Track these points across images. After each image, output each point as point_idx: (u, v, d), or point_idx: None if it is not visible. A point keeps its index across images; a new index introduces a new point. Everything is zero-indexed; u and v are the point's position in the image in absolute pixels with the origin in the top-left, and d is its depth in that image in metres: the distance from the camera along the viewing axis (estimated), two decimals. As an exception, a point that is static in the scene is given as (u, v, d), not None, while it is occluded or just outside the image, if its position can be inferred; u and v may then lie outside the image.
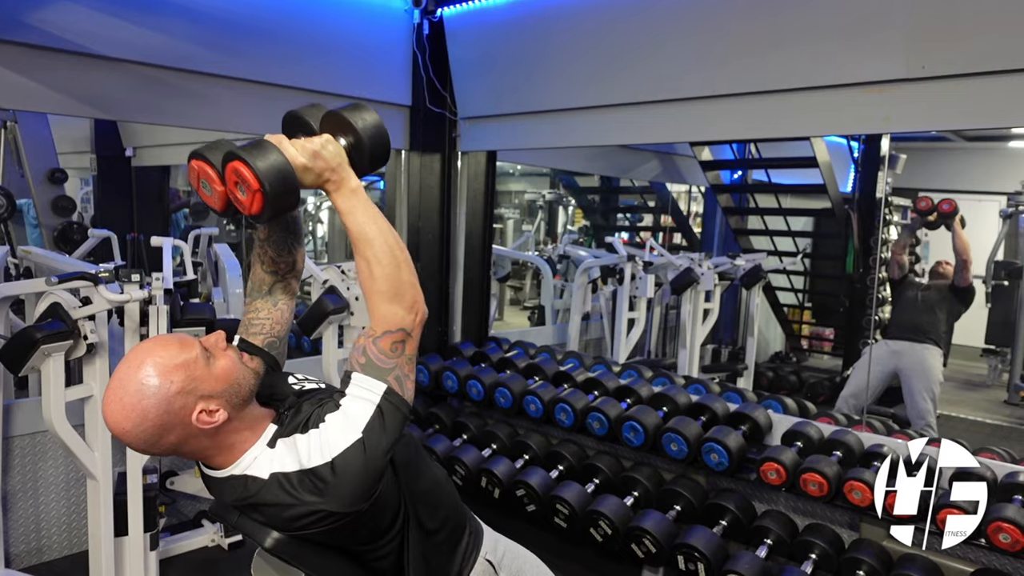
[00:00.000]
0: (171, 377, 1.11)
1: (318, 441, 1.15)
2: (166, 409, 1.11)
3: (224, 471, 1.22)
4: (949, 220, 4.27)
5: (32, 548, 2.97)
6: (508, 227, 9.54)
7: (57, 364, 2.30)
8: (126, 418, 1.10)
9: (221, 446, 1.19)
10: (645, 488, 2.92)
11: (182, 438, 1.15)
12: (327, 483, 1.13)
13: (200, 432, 1.15)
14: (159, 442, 1.13)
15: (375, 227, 1.20)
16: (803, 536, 2.56)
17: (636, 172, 6.56)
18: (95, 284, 2.30)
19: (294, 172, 1.15)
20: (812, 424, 2.83)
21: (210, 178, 1.20)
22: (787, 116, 2.99)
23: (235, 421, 1.19)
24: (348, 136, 1.23)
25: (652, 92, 3.29)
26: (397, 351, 1.20)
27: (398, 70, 3.95)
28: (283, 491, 1.15)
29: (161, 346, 1.15)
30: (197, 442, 1.17)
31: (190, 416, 1.13)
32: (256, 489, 1.18)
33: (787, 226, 6.22)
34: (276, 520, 1.20)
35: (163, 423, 1.11)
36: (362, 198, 1.22)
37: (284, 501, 1.16)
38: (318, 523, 1.17)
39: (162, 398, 1.10)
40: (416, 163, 4.13)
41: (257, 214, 1.15)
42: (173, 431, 1.13)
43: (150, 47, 3.02)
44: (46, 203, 5.38)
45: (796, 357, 6.70)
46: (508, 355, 3.81)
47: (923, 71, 2.47)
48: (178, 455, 1.21)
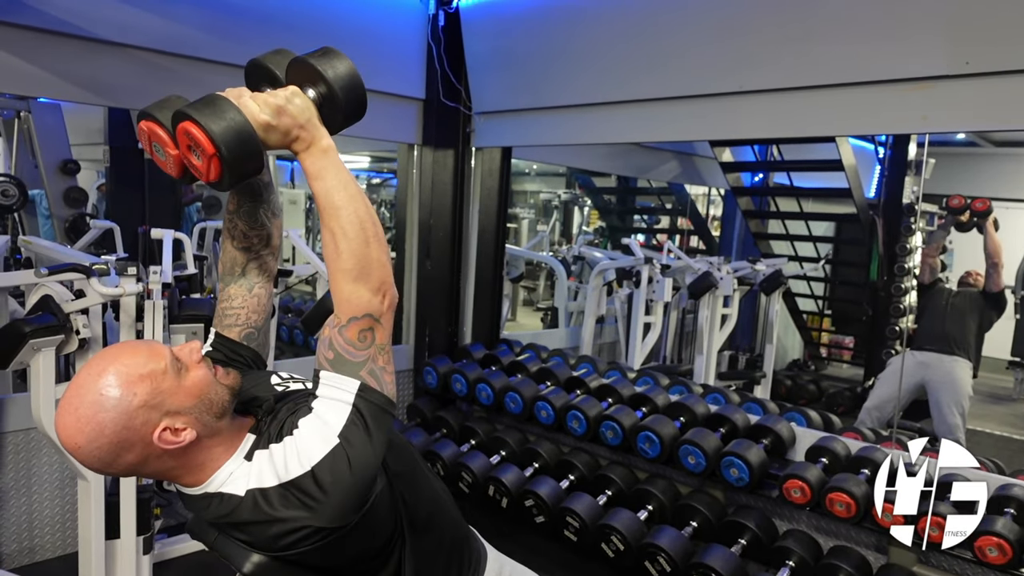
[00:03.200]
0: (134, 388, 0.98)
1: (293, 449, 1.02)
2: (125, 424, 0.97)
3: (197, 489, 1.09)
4: (983, 219, 4.10)
5: (24, 548, 2.88)
6: (522, 227, 9.44)
7: (47, 359, 2.20)
8: (79, 431, 0.97)
9: (189, 466, 1.06)
10: (660, 502, 2.78)
11: (142, 458, 1.01)
12: (310, 495, 1.00)
13: (164, 452, 1.01)
14: (115, 461, 1.00)
15: (345, 194, 1.05)
16: (828, 559, 2.42)
17: (654, 172, 6.42)
18: (87, 276, 2.20)
19: (255, 132, 1.01)
20: (838, 440, 2.69)
21: (162, 141, 1.06)
22: (816, 114, 2.85)
23: (205, 439, 1.05)
24: (318, 87, 1.09)
25: (674, 88, 3.16)
26: (366, 340, 1.05)
27: (412, 62, 3.84)
28: (260, 509, 1.02)
29: (128, 353, 1.02)
30: (160, 463, 1.03)
31: (151, 434, 0.99)
32: (232, 507, 1.05)
33: (808, 231, 6.06)
34: (260, 539, 1.07)
35: (121, 440, 0.98)
36: (333, 160, 1.07)
37: (263, 518, 1.02)
38: (304, 541, 1.03)
39: (122, 412, 0.97)
40: (429, 159, 4.02)
41: (216, 181, 1.01)
42: (132, 450, 0.99)
43: (156, 33, 2.93)
44: (58, 194, 5.35)
45: (815, 365, 6.54)
46: (519, 358, 3.69)
47: (967, 67, 2.31)
48: (139, 476, 1.07)
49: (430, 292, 4.07)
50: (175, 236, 3.03)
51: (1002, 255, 4.04)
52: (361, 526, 1.08)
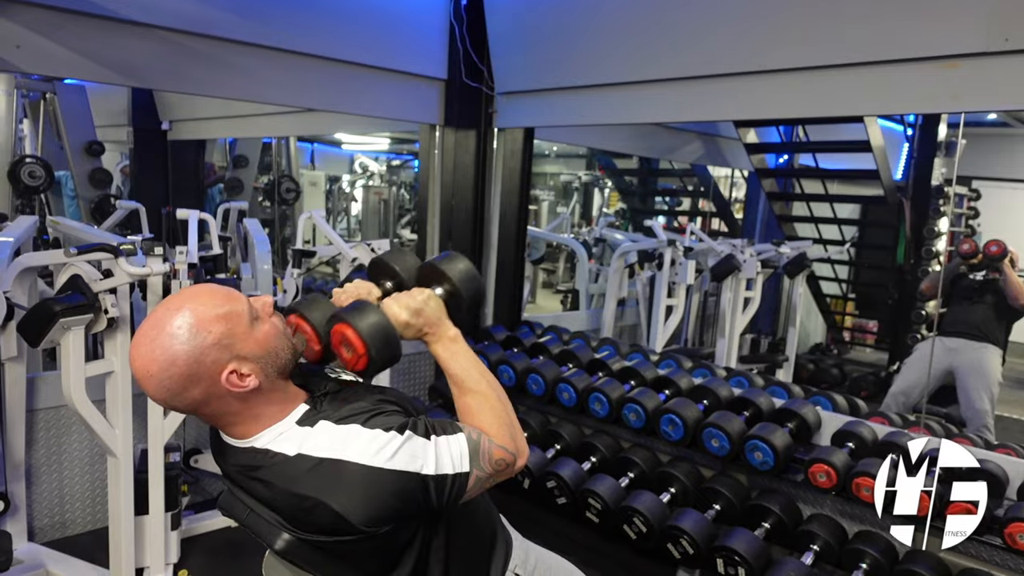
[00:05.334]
0: (209, 327, 1.02)
1: (373, 444, 1.07)
2: (197, 359, 1.02)
3: (244, 441, 1.13)
4: (997, 263, 3.96)
5: (56, 522, 2.94)
6: (543, 209, 9.40)
7: (77, 338, 2.23)
8: (153, 360, 1.01)
9: (246, 414, 1.11)
10: (683, 485, 2.77)
11: (206, 395, 1.05)
12: (354, 486, 1.05)
13: (227, 393, 1.06)
14: (182, 394, 1.04)
15: (477, 371, 1.24)
16: (853, 543, 2.40)
17: (677, 154, 6.35)
18: (115, 256, 2.21)
19: (396, 331, 1.19)
20: (865, 424, 2.65)
21: (307, 335, 1.24)
22: (844, 94, 2.78)
23: (266, 392, 1.10)
24: (445, 285, 1.27)
25: (699, 67, 3.10)
26: (499, 467, 1.19)
27: (434, 41, 3.81)
28: (307, 474, 1.06)
29: (207, 294, 1.06)
30: (220, 404, 1.08)
31: (220, 373, 1.04)
32: (276, 463, 1.09)
33: (833, 213, 5.97)
34: (285, 506, 1.09)
35: (190, 373, 1.02)
36: (462, 345, 1.26)
37: (302, 489, 1.06)
38: (328, 528, 1.07)
39: (195, 346, 1.02)
40: (451, 139, 4.00)
41: (361, 371, 1.19)
42: (199, 385, 1.04)
43: (180, 12, 2.93)
44: (83, 175, 5.42)
45: (837, 349, 6.47)
46: (541, 340, 3.68)
47: (1006, 44, 2.25)
48: (198, 414, 1.11)
49: (451, 274, 4.08)
50: (200, 216, 3.05)
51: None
52: (381, 538, 1.12)
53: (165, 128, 6.12)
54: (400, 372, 4.00)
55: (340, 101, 3.69)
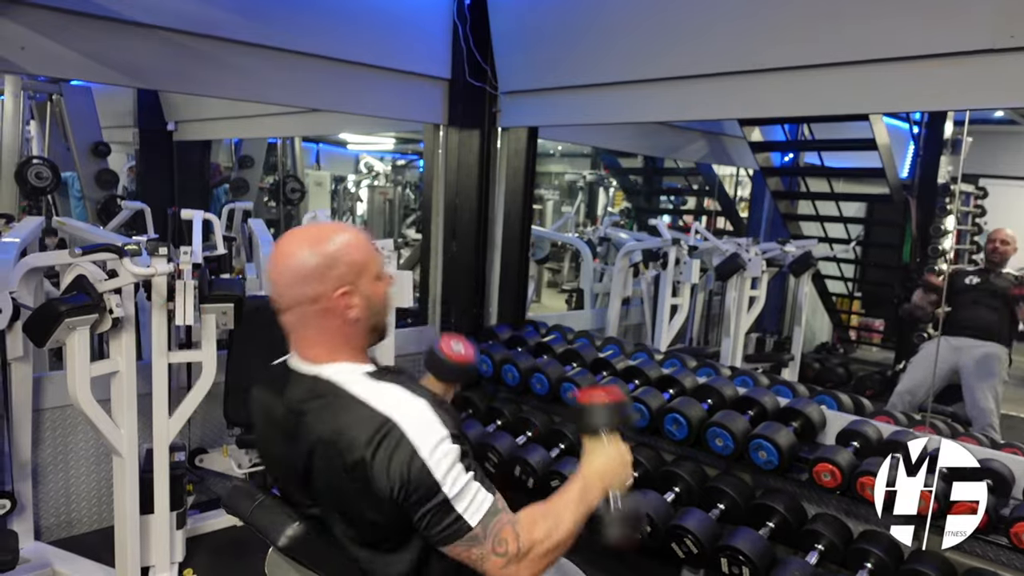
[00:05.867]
0: (356, 251, 1.20)
1: (430, 434, 1.12)
2: (332, 263, 1.17)
3: (312, 367, 1.22)
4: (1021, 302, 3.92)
5: (62, 521, 2.95)
6: (547, 208, 9.40)
7: (82, 338, 2.24)
8: (309, 243, 1.18)
9: (328, 339, 1.21)
10: (687, 484, 2.77)
11: (316, 296, 1.17)
12: (396, 452, 1.09)
13: (330, 309, 1.18)
14: (299, 283, 1.17)
15: (584, 508, 1.25)
16: (858, 543, 2.39)
17: (682, 152, 6.34)
18: (120, 257, 2.22)
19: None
20: (870, 423, 2.65)
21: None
22: (849, 92, 2.77)
23: (354, 333, 1.22)
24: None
25: (704, 66, 3.09)
26: (496, 548, 1.13)
27: (437, 41, 3.81)
28: (361, 420, 1.13)
29: (366, 236, 1.25)
30: (320, 315, 1.19)
31: (338, 288, 1.18)
32: (338, 397, 1.17)
33: (839, 212, 5.95)
34: (328, 437, 1.14)
35: (322, 268, 1.16)
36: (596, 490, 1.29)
37: (352, 429, 1.12)
38: (349, 467, 1.12)
39: (340, 252, 1.18)
40: (454, 139, 4.00)
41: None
42: (320, 283, 1.17)
43: (183, 13, 2.94)
44: (90, 176, 5.43)
45: (843, 348, 6.45)
46: (545, 340, 3.68)
47: (1012, 40, 2.24)
48: (294, 315, 1.21)
49: (456, 273, 4.07)
50: (204, 217, 3.06)
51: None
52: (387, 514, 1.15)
53: (171, 129, 6.14)
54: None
55: (344, 101, 3.69)
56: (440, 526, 1.11)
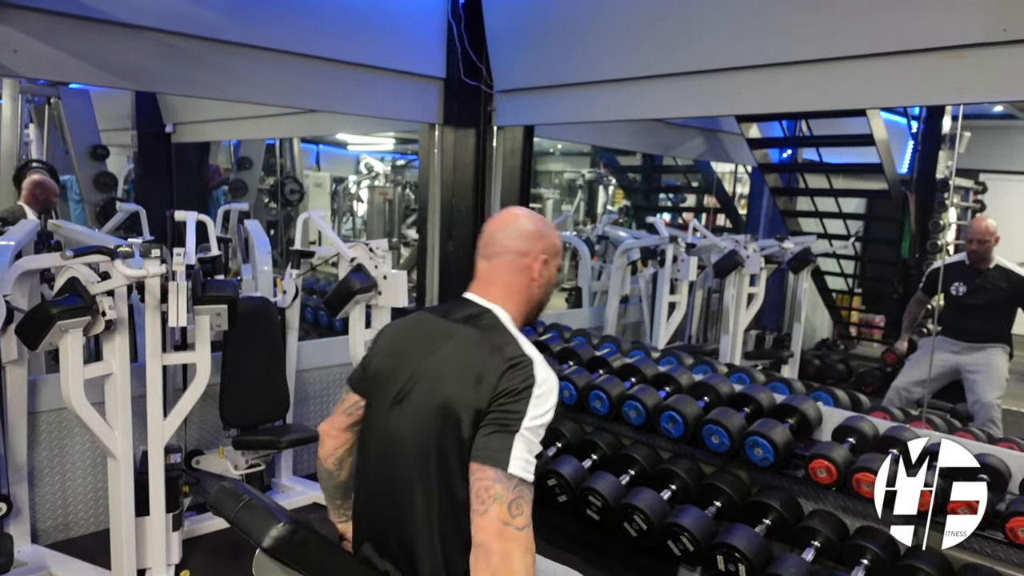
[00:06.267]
0: (557, 238, 1.56)
1: (541, 398, 1.32)
2: (543, 236, 1.52)
3: (484, 301, 1.49)
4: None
5: (59, 524, 2.95)
6: (547, 207, 9.39)
7: (75, 340, 2.24)
8: (532, 216, 1.55)
9: (513, 288, 1.49)
10: (683, 482, 2.76)
11: (524, 252, 1.49)
12: (516, 385, 1.31)
13: (526, 264, 1.49)
14: (516, 237, 1.49)
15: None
16: (854, 539, 2.38)
17: (680, 150, 6.33)
18: (112, 259, 2.22)
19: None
20: (866, 419, 2.64)
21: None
22: (845, 87, 2.77)
23: (529, 295, 1.51)
24: None
25: (699, 62, 3.09)
26: (515, 511, 1.25)
27: (432, 41, 3.81)
28: (513, 347, 1.37)
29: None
30: (517, 267, 1.49)
31: (540, 253, 1.50)
32: (500, 328, 1.44)
33: (838, 208, 5.94)
34: (482, 349, 1.38)
35: (536, 236, 1.51)
36: None
37: (509, 353, 1.36)
38: (478, 378, 1.33)
39: (549, 232, 1.54)
40: (450, 138, 4.00)
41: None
42: (529, 245, 1.49)
43: (176, 15, 2.95)
44: (88, 179, 5.42)
45: (844, 345, 6.43)
46: (542, 338, 3.68)
47: (1004, 34, 2.23)
48: (498, 260, 1.50)
49: (452, 272, 4.07)
50: (199, 218, 3.06)
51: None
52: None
53: (169, 131, 6.14)
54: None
55: (339, 102, 3.70)
56: (492, 438, 1.26)
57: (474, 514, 1.23)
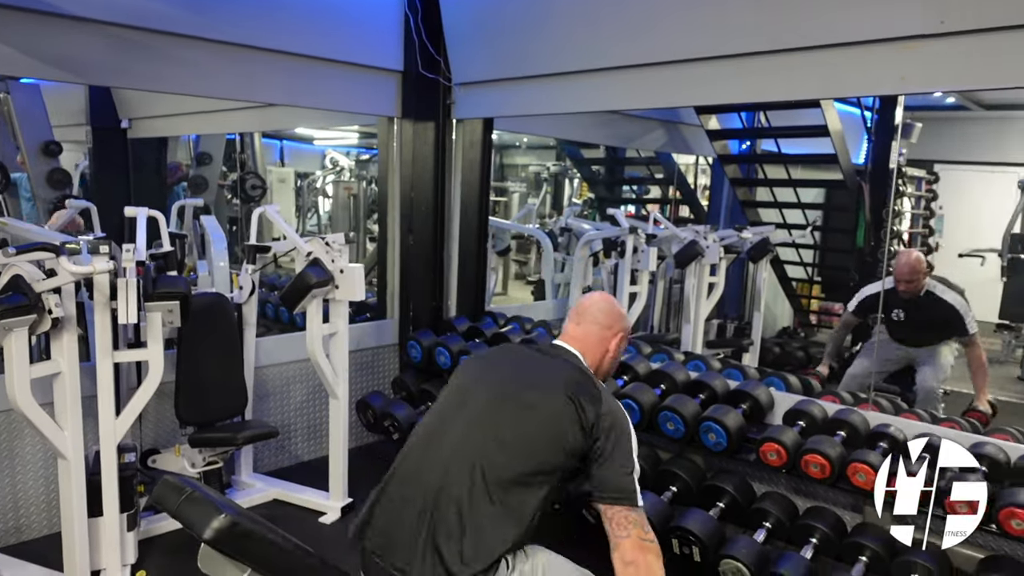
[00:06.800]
0: (628, 323, 2.07)
1: (620, 424, 1.78)
2: (622, 319, 2.02)
3: (578, 360, 1.90)
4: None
5: (10, 528, 2.90)
6: (513, 200, 9.40)
7: (20, 339, 2.20)
8: (617, 304, 2.04)
9: (592, 353, 1.95)
10: (640, 469, 2.79)
11: (608, 326, 1.97)
12: (603, 414, 1.76)
13: (607, 336, 1.96)
14: (605, 315, 1.98)
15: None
16: (804, 519, 2.45)
17: (640, 142, 6.37)
18: (57, 255, 2.18)
19: None
20: (815, 403, 2.71)
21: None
22: (795, 77, 2.83)
23: (602, 361, 1.96)
24: None
25: (655, 54, 3.13)
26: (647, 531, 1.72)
27: (388, 33, 3.79)
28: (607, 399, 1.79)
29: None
30: (601, 338, 1.96)
31: (618, 331, 1.99)
32: (591, 378, 1.86)
33: (797, 198, 6.03)
34: (581, 385, 1.79)
35: (618, 317, 2.00)
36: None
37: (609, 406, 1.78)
38: (590, 415, 1.74)
39: (626, 318, 2.05)
40: (409, 131, 3.98)
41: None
42: (613, 323, 1.98)
43: (124, 7, 2.89)
44: (41, 176, 5.29)
45: (804, 332, 6.54)
46: (503, 330, 3.70)
47: (941, 26, 2.29)
48: (592, 326, 1.97)
49: (413, 266, 4.06)
50: (150, 214, 3.02)
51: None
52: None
53: (125, 126, 6.01)
54: (362, 366, 3.99)
55: (295, 95, 3.65)
56: (620, 479, 1.72)
57: (618, 539, 1.65)
